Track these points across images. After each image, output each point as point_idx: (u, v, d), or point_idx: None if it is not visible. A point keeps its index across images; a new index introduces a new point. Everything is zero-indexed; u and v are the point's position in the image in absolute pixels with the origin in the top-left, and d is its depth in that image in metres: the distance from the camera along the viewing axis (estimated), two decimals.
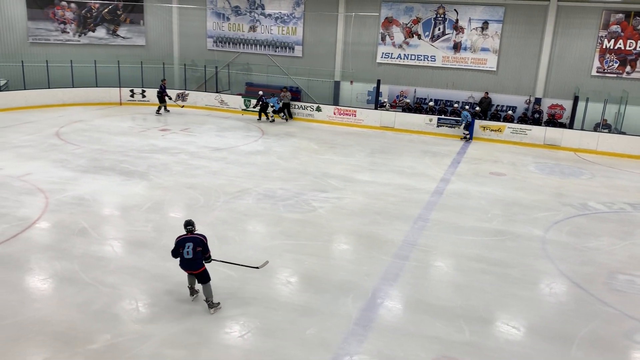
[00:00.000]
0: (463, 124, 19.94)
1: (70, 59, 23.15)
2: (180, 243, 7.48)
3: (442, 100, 22.39)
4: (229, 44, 26.01)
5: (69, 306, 7.43)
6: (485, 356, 6.79)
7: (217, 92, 24.46)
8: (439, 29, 22.21)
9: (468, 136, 19.93)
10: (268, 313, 7.50)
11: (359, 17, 23.26)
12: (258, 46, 25.52)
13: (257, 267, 8.17)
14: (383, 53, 23.24)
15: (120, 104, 23.98)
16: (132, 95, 24.22)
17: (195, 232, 7.62)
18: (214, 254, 8.23)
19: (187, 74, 25.80)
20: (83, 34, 25.35)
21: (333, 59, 24.05)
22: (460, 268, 9.28)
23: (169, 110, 22.41)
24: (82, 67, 23.39)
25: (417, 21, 22.46)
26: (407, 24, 22.64)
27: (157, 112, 22.03)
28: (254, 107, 22.45)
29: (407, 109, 22.05)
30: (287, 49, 24.98)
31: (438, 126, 20.82)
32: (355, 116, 21.92)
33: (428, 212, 11.94)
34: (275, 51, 25.21)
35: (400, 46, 22.92)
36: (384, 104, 22.42)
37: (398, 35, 22.86)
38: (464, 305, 8.00)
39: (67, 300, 7.60)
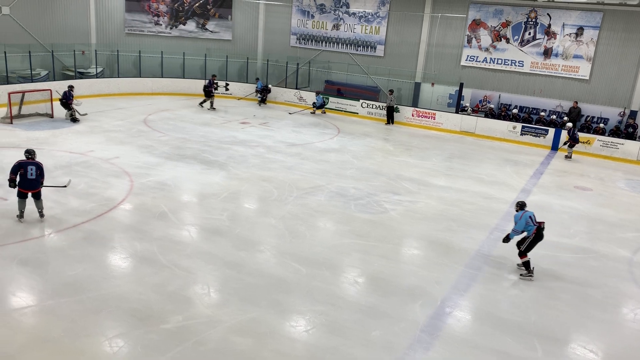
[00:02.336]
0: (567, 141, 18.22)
1: (161, 50, 24.29)
2: (22, 165, 9.25)
3: (528, 107, 21.47)
4: (311, 41, 26.27)
5: (146, 285, 7.79)
6: None
7: (296, 88, 24.78)
8: (529, 34, 21.30)
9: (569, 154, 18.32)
10: (334, 311, 7.51)
11: (445, 18, 22.75)
12: (340, 44, 25.60)
13: (64, 186, 10.09)
14: (468, 56, 22.61)
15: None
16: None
17: (35, 159, 9.56)
18: (285, 247, 8.34)
19: (269, 69, 26.32)
20: (174, 27, 26.49)
21: (415, 60, 23.69)
22: (537, 284, 8.85)
23: (214, 108, 21.81)
24: (171, 59, 24.49)
25: (506, 24, 21.66)
26: (495, 27, 21.89)
27: (200, 104, 22.09)
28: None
29: (490, 114, 21.33)
30: (369, 49, 24.88)
31: (522, 134, 19.99)
32: (434, 119, 21.48)
33: (506, 222, 11.48)
34: (357, 50, 25.18)
35: (486, 49, 22.20)
36: (466, 108, 21.81)
37: (485, 38, 22.15)
38: (538, 322, 7.63)
39: (144, 279, 7.97)
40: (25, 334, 6.55)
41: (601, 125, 19.67)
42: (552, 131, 19.44)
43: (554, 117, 20.39)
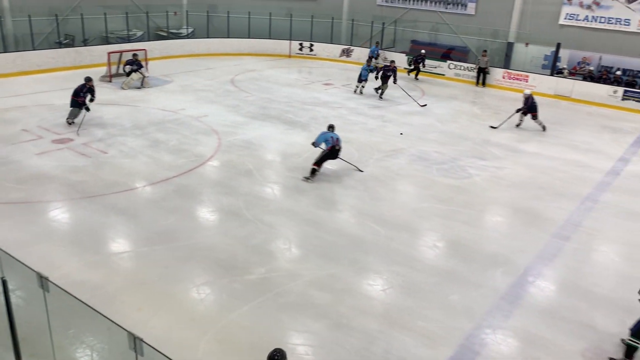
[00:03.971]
0: None
1: (248, 11, 24.62)
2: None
3: (632, 70, 19.76)
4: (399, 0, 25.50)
5: (232, 238, 8.17)
6: None
7: (381, 49, 24.30)
8: None
9: None
10: (412, 273, 7.52)
11: None
12: (429, 2, 24.65)
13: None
14: (567, 14, 21.02)
15: (289, 56, 25.05)
16: (300, 49, 25.14)
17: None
18: (364, 207, 8.38)
19: (354, 29, 25.93)
20: None
21: (509, 18, 22.35)
22: (630, 257, 8.35)
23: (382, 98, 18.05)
24: (258, 19, 24.77)
25: None
26: None
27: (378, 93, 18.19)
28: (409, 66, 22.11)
29: (589, 77, 19.88)
30: (459, 6, 23.76)
31: (623, 99, 18.52)
32: (527, 82, 20.35)
33: (599, 192, 10.83)
34: (447, 8, 24.13)
35: (589, 7, 20.51)
36: (562, 71, 20.44)
37: None
38: (629, 298, 7.16)
39: (230, 232, 8.36)
40: (122, 276, 7.13)
41: None
42: None
43: None
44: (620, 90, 18.63)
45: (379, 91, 18.06)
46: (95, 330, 5.37)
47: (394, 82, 17.78)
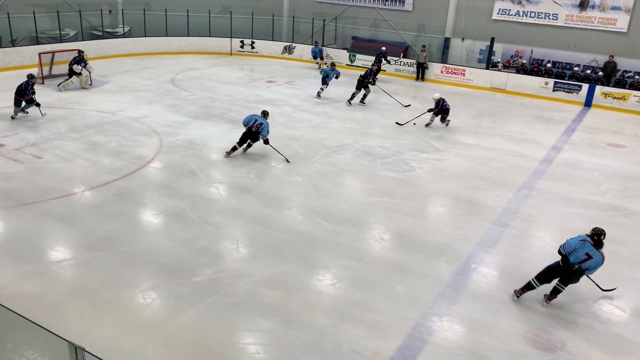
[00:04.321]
0: None
1: (186, 9, 24.14)
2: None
3: (561, 62, 20.77)
4: None
5: (177, 240, 8.02)
6: (582, 333, 6.47)
7: (323, 46, 24.43)
8: None
9: None
10: (360, 266, 7.63)
11: None
12: None
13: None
14: (500, 9, 21.84)
15: (231, 54, 24.79)
16: (242, 46, 24.92)
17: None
18: (311, 204, 8.44)
19: (295, 26, 25.94)
20: None
21: (445, 14, 23.01)
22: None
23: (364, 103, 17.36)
24: (197, 17, 24.34)
25: None
26: None
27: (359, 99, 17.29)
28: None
29: (522, 70, 20.75)
30: (398, 3, 24.23)
31: (554, 90, 19.44)
32: (464, 75, 21.03)
33: (535, 180, 11.34)
34: (385, 4, 24.54)
35: (519, 2, 21.39)
36: (497, 64, 21.23)
37: None
38: None
39: (175, 234, 8.20)
40: (63, 285, 6.86)
41: (637, 77, 18.88)
42: (585, 87, 18.85)
43: (589, 72, 19.71)
44: (551, 81, 19.54)
45: (359, 97, 17.20)
46: (34, 343, 5.14)
47: (373, 83, 17.22)
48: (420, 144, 13.26)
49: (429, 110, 14.80)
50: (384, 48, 21.86)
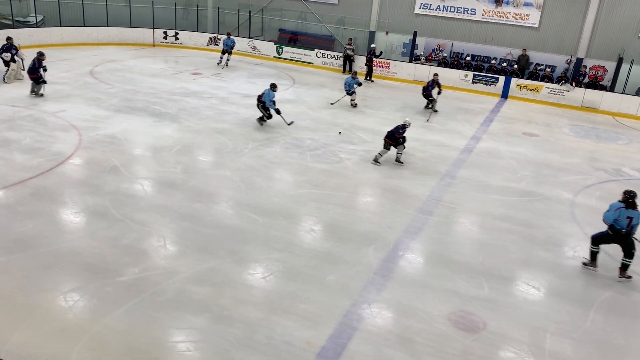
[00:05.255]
0: None
1: None
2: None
3: (480, 56, 21.72)
4: None
5: (100, 239, 7.70)
6: (502, 313, 6.84)
7: (249, 37, 24.19)
8: None
9: None
10: (291, 258, 7.66)
11: None
12: None
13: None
14: (422, 4, 22.50)
15: (154, 45, 23.99)
16: (165, 37, 24.18)
17: None
18: (241, 198, 8.36)
19: (221, 17, 25.48)
20: None
21: (369, 7, 23.40)
22: (485, 226, 9.25)
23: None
24: (117, 7, 23.35)
25: None
26: None
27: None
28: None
29: (443, 63, 21.49)
30: None
31: (473, 83, 20.31)
32: (388, 69, 21.50)
33: (456, 169, 11.82)
34: None
35: None
36: (420, 57, 21.88)
37: None
38: (486, 262, 8.02)
39: (98, 233, 7.87)
40: None
41: (548, 70, 20.07)
42: (502, 79, 19.84)
43: (505, 65, 20.75)
44: (470, 74, 20.39)
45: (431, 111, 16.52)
46: None
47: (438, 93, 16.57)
48: (349, 136, 13.46)
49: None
50: (373, 45, 21.38)
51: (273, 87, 13.57)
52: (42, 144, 11.13)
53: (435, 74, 17.23)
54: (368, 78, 20.63)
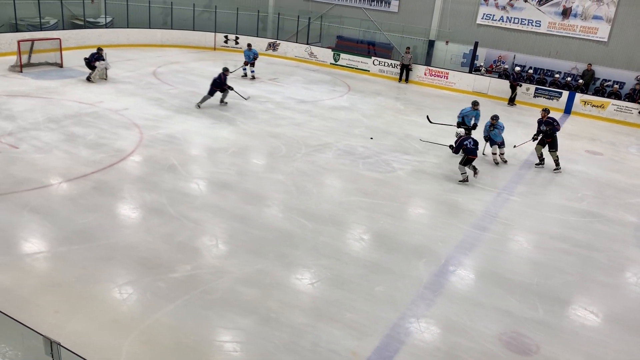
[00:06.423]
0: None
1: (171, 1, 23.87)
2: None
3: (543, 69, 21.05)
4: None
5: (155, 235, 7.92)
6: (557, 337, 6.56)
7: (307, 44, 24.40)
8: None
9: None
10: (339, 266, 7.62)
11: None
12: None
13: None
14: (484, 14, 22.05)
15: (214, 49, 24.58)
16: (225, 41, 24.73)
17: None
18: (292, 202, 8.41)
19: (280, 23, 25.84)
20: None
21: (430, 16, 23.15)
22: (542, 245, 8.91)
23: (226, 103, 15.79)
24: (181, 10, 24.09)
25: None
26: None
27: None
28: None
29: (504, 75, 20.96)
30: (383, 4, 24.31)
31: (535, 97, 19.68)
32: (447, 79, 21.16)
33: (514, 185, 11.47)
34: (371, 5, 24.60)
35: (503, 8, 21.62)
36: (480, 68, 21.42)
37: None
38: (542, 283, 7.71)
39: (153, 229, 8.10)
40: (37, 278, 6.72)
41: (616, 86, 19.21)
42: (565, 94, 19.14)
43: (569, 79, 20.01)
44: (532, 87, 19.78)
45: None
46: (7, 336, 5.02)
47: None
48: (403, 145, 13.31)
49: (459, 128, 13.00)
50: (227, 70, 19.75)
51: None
52: (106, 140, 11.58)
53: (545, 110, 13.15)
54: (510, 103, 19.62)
